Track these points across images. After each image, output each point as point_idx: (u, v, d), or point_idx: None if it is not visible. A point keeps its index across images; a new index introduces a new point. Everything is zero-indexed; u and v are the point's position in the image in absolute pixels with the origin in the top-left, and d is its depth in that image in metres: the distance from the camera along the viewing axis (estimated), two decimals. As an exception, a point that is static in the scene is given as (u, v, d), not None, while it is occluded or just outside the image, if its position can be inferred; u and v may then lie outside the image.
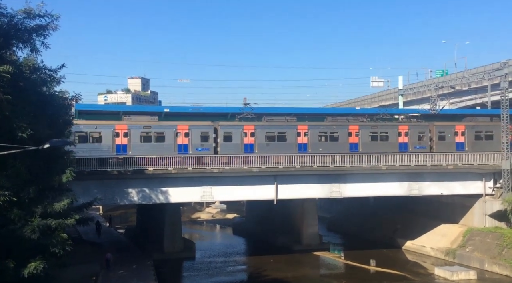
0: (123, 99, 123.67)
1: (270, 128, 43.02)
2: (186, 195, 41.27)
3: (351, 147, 44.01)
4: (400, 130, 45.35)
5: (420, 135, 45.65)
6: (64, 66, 23.73)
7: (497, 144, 45.62)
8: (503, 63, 46.41)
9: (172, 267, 43.46)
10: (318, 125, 44.31)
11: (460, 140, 46.29)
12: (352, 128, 44.45)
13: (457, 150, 45.60)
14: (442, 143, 45.99)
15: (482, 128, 47.27)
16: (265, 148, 42.13)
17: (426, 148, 45.40)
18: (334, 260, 47.69)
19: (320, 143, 43.61)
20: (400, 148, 44.77)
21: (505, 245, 39.78)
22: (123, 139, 39.54)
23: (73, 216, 23.69)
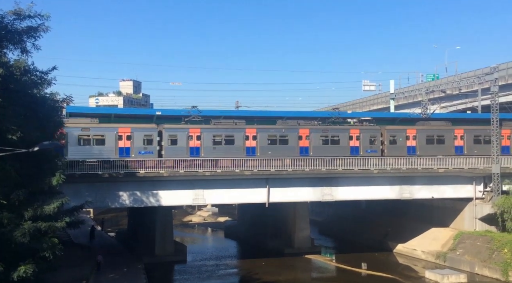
0: (115, 102, 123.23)
1: (217, 131, 42.04)
2: (178, 198, 41.12)
3: (301, 150, 43.29)
4: (351, 134, 44.77)
5: (371, 139, 45.04)
6: (55, 68, 23.68)
7: (449, 148, 45.80)
8: (493, 68, 46.82)
9: (163, 271, 43.27)
10: (267, 129, 43.34)
11: (411, 144, 45.70)
12: (302, 131, 43.68)
13: (408, 154, 45.07)
14: (394, 147, 45.38)
15: (433, 132, 46.70)
16: (212, 151, 41.19)
17: (378, 152, 44.84)
18: (325, 264, 47.73)
19: (269, 147, 42.68)
20: (352, 151, 44.25)
21: (495, 248, 40.02)
22: (61, 141, 37.08)
23: (63, 218, 23.49)
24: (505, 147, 47.70)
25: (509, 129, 48.39)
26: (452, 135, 46.70)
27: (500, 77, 51.56)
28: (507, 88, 58.92)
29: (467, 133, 47.02)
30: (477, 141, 47.36)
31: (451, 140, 46.61)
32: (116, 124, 41.14)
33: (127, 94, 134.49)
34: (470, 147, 46.84)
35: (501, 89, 49.98)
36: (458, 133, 47.07)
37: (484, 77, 48.34)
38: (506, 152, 47.27)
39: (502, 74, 56.28)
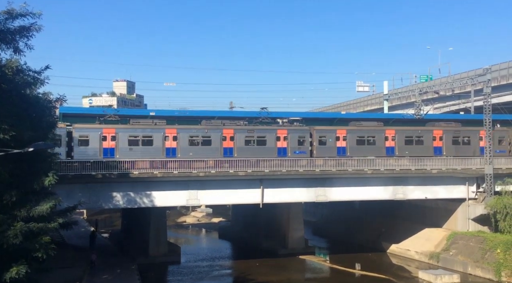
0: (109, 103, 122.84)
1: (134, 131, 40.25)
2: (172, 198, 41.03)
3: (225, 151, 41.95)
4: (278, 134, 43.37)
5: (300, 140, 43.78)
6: (48, 67, 23.53)
7: (379, 149, 45.19)
8: (486, 69, 47.06)
9: (157, 272, 43.13)
10: (189, 129, 41.97)
11: (341, 145, 44.78)
12: (226, 132, 42.25)
13: (338, 155, 44.18)
14: (323, 148, 44.40)
15: (364, 133, 45.86)
16: (128, 152, 39.48)
17: (306, 153, 43.60)
18: (319, 264, 47.79)
19: (190, 148, 41.34)
20: (279, 153, 43.02)
21: (487, 248, 40.21)
22: None
23: (56, 220, 23.34)
24: (437, 148, 47.06)
25: (441, 129, 47.62)
26: (383, 136, 45.77)
27: (493, 78, 51.84)
28: (499, 90, 59.28)
29: (398, 134, 46.08)
30: (409, 142, 46.43)
31: (382, 141, 45.66)
32: None
33: (121, 95, 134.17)
34: (401, 147, 45.82)
35: (493, 90, 50.23)
36: (389, 134, 46.09)
37: (477, 78, 48.56)
38: (438, 153, 46.67)
39: (494, 76, 56.58)
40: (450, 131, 47.56)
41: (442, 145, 47.00)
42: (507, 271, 37.97)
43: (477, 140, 47.85)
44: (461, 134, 47.84)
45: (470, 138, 48.08)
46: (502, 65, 60.16)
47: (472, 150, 47.48)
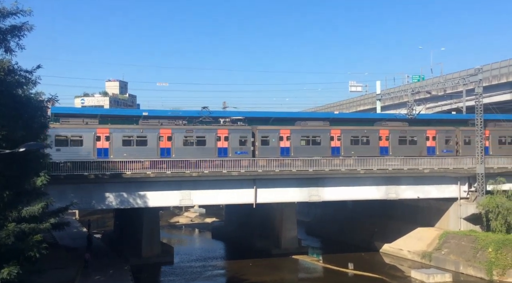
0: (101, 103, 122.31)
1: (61, 131, 38.50)
2: (165, 199, 40.93)
3: (162, 152, 40.71)
4: (219, 134, 42.19)
5: (242, 140, 42.56)
6: (40, 67, 23.41)
7: (324, 149, 44.06)
8: (477, 69, 47.36)
9: (150, 272, 43.02)
10: (123, 129, 40.62)
11: (285, 145, 43.66)
12: (164, 132, 40.99)
13: (282, 155, 43.07)
14: (266, 148, 43.20)
15: (309, 133, 44.70)
16: (55, 153, 36.25)
17: (248, 153, 42.41)
18: (312, 264, 47.86)
19: (125, 148, 39.94)
20: (219, 153, 41.84)
21: (479, 247, 40.44)
22: None
23: (48, 220, 23.25)
24: (383, 148, 46.23)
25: (387, 129, 46.77)
26: (328, 136, 44.79)
27: (484, 78, 52.15)
28: (491, 90, 59.74)
29: (344, 134, 45.13)
30: (355, 142, 45.55)
31: (327, 141, 44.67)
32: None
33: (113, 95, 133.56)
34: (347, 147, 44.88)
35: (485, 90, 50.54)
36: (335, 134, 45.09)
37: (469, 78, 48.86)
38: (384, 153, 45.84)
39: (486, 76, 56.99)
40: (397, 131, 46.58)
41: (388, 145, 46.04)
42: (499, 270, 38.26)
43: (423, 140, 47.10)
44: (408, 134, 46.91)
45: (417, 138, 47.10)
46: (494, 65, 60.70)
47: (419, 150, 46.60)
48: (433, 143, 47.46)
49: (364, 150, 45.38)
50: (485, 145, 46.41)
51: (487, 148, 47.69)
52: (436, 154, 46.91)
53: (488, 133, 48.54)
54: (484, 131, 46.76)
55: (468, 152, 47.13)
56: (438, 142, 47.52)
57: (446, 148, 47.59)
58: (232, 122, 44.81)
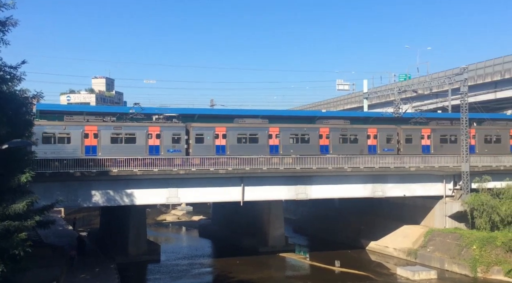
0: (87, 100, 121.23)
1: None
2: (152, 196, 40.72)
3: (87, 150, 39.23)
4: (150, 131, 40.59)
5: (174, 137, 41.07)
6: (24, 62, 23.20)
7: (262, 147, 42.86)
8: (463, 68, 47.85)
9: (136, 270, 42.79)
10: (42, 125, 38.63)
11: (220, 143, 42.31)
12: (89, 129, 39.29)
13: (217, 154, 41.81)
14: (200, 146, 41.87)
15: (246, 131, 43.34)
16: None
17: (182, 152, 40.99)
18: (299, 261, 48.00)
19: (45, 146, 38.00)
20: (150, 151, 40.29)
21: (464, 245, 40.87)
22: None
23: (33, 217, 22.95)
24: (324, 147, 45.21)
25: (328, 127, 45.66)
26: (266, 133, 43.41)
27: (470, 77, 52.75)
28: (476, 89, 60.42)
29: (282, 132, 43.80)
30: (294, 140, 44.43)
31: (265, 139, 43.34)
32: None
33: (99, 92, 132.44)
34: (286, 146, 43.65)
35: (470, 90, 51.15)
36: (273, 131, 43.66)
37: (454, 77, 49.30)
38: (325, 152, 44.81)
39: (471, 75, 57.68)
40: (337, 130, 45.61)
41: (329, 143, 45.10)
42: (483, 267, 38.72)
43: (364, 138, 46.13)
44: (349, 133, 45.94)
45: (358, 137, 46.06)
46: (479, 65, 61.37)
47: (360, 149, 45.80)
48: (374, 141, 46.31)
49: (304, 148, 44.12)
50: (426, 143, 47.05)
51: (428, 146, 47.59)
52: (377, 152, 45.86)
53: (430, 132, 48.09)
54: (424, 130, 47.39)
55: (409, 150, 46.73)
56: (379, 140, 46.44)
57: (387, 146, 46.55)
58: (165, 119, 42.76)
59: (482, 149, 49.23)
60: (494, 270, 38.52)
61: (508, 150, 49.75)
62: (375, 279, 39.94)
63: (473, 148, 48.40)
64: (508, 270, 38.14)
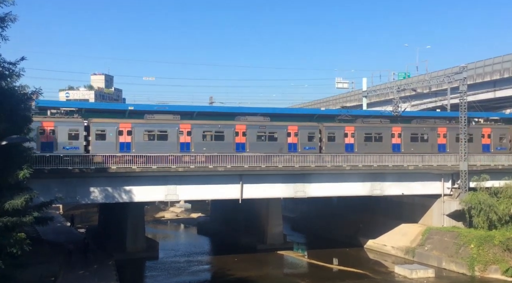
0: (86, 96, 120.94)
1: None
2: (150, 194, 40.69)
3: None
4: (44, 127, 37.85)
5: (71, 133, 38.55)
6: (24, 59, 23.11)
7: (172, 145, 40.80)
8: (462, 67, 47.84)
9: (135, 267, 42.89)
10: None
11: (125, 140, 40.01)
12: None
13: (121, 151, 39.53)
14: (102, 143, 39.34)
15: (155, 127, 41.12)
16: None
17: (80, 149, 38.55)
18: (297, 259, 48.04)
19: None
20: (43, 148, 37.46)
21: (462, 243, 40.95)
22: None
23: (31, 214, 22.95)
24: (239, 144, 42.80)
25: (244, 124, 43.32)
26: (177, 130, 41.07)
27: (469, 76, 52.69)
28: (475, 88, 60.40)
29: (195, 129, 41.66)
30: (207, 137, 42.24)
31: (175, 136, 40.99)
32: None
33: (98, 89, 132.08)
34: (198, 144, 41.57)
35: (469, 88, 51.09)
36: (185, 129, 41.48)
37: (453, 76, 49.29)
38: (241, 150, 42.56)
39: (470, 74, 57.59)
40: (255, 127, 43.15)
41: (245, 141, 42.78)
42: (480, 266, 38.80)
43: (284, 136, 43.70)
44: (267, 130, 43.54)
45: (277, 135, 43.67)
46: (478, 63, 61.29)
47: (279, 147, 43.38)
48: (295, 139, 43.92)
49: (218, 146, 41.83)
50: (349, 141, 45.18)
51: (352, 145, 45.43)
52: (298, 151, 43.55)
53: (354, 130, 45.90)
54: (347, 128, 45.57)
55: (332, 149, 44.50)
56: (300, 138, 44.01)
57: (308, 144, 44.15)
58: (64, 114, 39.96)
59: (407, 148, 46.54)
60: (492, 269, 38.60)
61: (436, 149, 47.51)
62: (373, 277, 39.99)
63: (398, 146, 46.62)
64: (506, 268, 38.26)
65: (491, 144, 49.74)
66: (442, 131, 48.53)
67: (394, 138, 47.05)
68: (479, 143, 49.51)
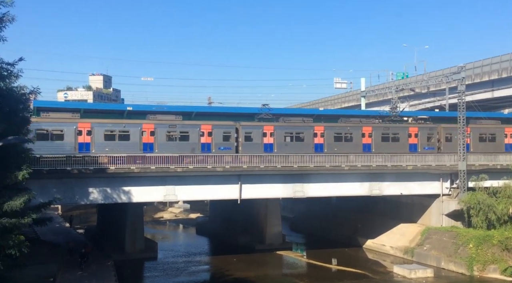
0: (84, 97, 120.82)
1: None
2: (149, 194, 40.64)
3: None
4: None
5: None
6: (22, 59, 23.10)
7: (69, 145, 38.99)
8: (460, 67, 47.86)
9: (134, 268, 42.80)
10: None
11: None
12: None
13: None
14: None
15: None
16: None
17: None
18: (296, 259, 48.00)
19: None
20: None
21: (460, 243, 40.97)
22: None
23: (30, 215, 22.88)
24: (146, 144, 40.68)
25: (152, 123, 41.25)
26: (74, 130, 38.88)
27: (467, 76, 52.71)
28: (473, 88, 60.48)
29: (96, 128, 39.68)
30: (113, 137, 39.87)
31: (73, 136, 38.96)
32: None
33: (97, 89, 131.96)
34: (99, 144, 39.50)
35: (467, 88, 51.11)
36: (83, 127, 39.37)
37: (452, 76, 49.33)
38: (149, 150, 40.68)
39: (468, 74, 57.64)
40: (164, 126, 41.04)
41: (153, 141, 40.60)
42: (479, 266, 38.82)
43: (197, 135, 41.66)
44: (178, 129, 41.38)
45: (189, 134, 41.64)
46: (476, 63, 61.40)
47: (191, 147, 41.30)
48: (208, 139, 41.80)
49: (123, 146, 39.44)
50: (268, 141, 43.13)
51: (271, 145, 43.51)
52: (212, 151, 41.40)
53: (273, 129, 43.74)
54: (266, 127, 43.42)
55: (248, 149, 42.26)
56: (214, 138, 41.86)
57: (224, 144, 42.19)
58: None
59: (331, 148, 44.50)
60: (491, 269, 38.62)
61: (361, 149, 45.54)
62: (372, 277, 39.98)
63: (321, 147, 44.54)
64: (504, 268, 38.29)
65: (419, 143, 47.19)
66: (367, 131, 46.13)
67: (317, 138, 44.47)
68: (406, 143, 46.92)
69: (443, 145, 48.14)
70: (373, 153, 45.33)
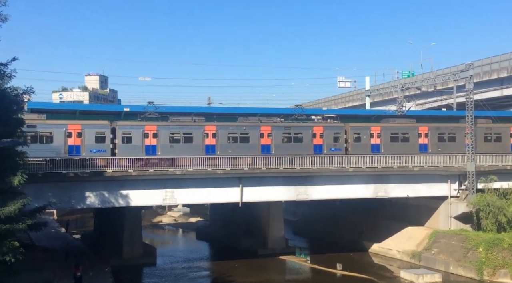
0: (80, 98, 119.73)
1: None
2: (148, 198, 39.74)
3: None
4: None
5: None
6: (15, 59, 22.81)
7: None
8: (468, 64, 46.82)
9: (131, 274, 41.92)
10: None
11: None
12: None
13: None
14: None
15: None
16: None
17: None
18: (300, 264, 46.98)
19: None
20: None
21: (469, 247, 40.05)
22: None
23: (25, 220, 22.46)
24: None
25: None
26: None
27: (475, 74, 51.73)
28: (482, 86, 59.32)
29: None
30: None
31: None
32: None
33: (93, 90, 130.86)
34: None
35: (476, 87, 50.04)
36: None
37: (459, 74, 48.38)
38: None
39: (477, 72, 56.65)
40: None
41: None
42: (489, 270, 37.92)
43: (62, 137, 38.40)
44: None
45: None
46: (485, 61, 60.21)
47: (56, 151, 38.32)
48: (78, 140, 38.74)
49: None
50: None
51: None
52: (82, 154, 38.01)
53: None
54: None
55: (127, 151, 39.21)
56: (85, 140, 38.72)
57: (96, 147, 38.94)
58: None
59: (224, 150, 41.67)
60: (501, 273, 37.70)
61: (259, 151, 42.66)
62: (378, 282, 39.02)
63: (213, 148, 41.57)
64: (516, 273, 37.26)
65: (324, 144, 43.89)
66: (267, 131, 42.77)
67: (208, 139, 41.08)
68: (310, 143, 43.72)
69: (351, 145, 44.73)
70: (273, 154, 41.83)
